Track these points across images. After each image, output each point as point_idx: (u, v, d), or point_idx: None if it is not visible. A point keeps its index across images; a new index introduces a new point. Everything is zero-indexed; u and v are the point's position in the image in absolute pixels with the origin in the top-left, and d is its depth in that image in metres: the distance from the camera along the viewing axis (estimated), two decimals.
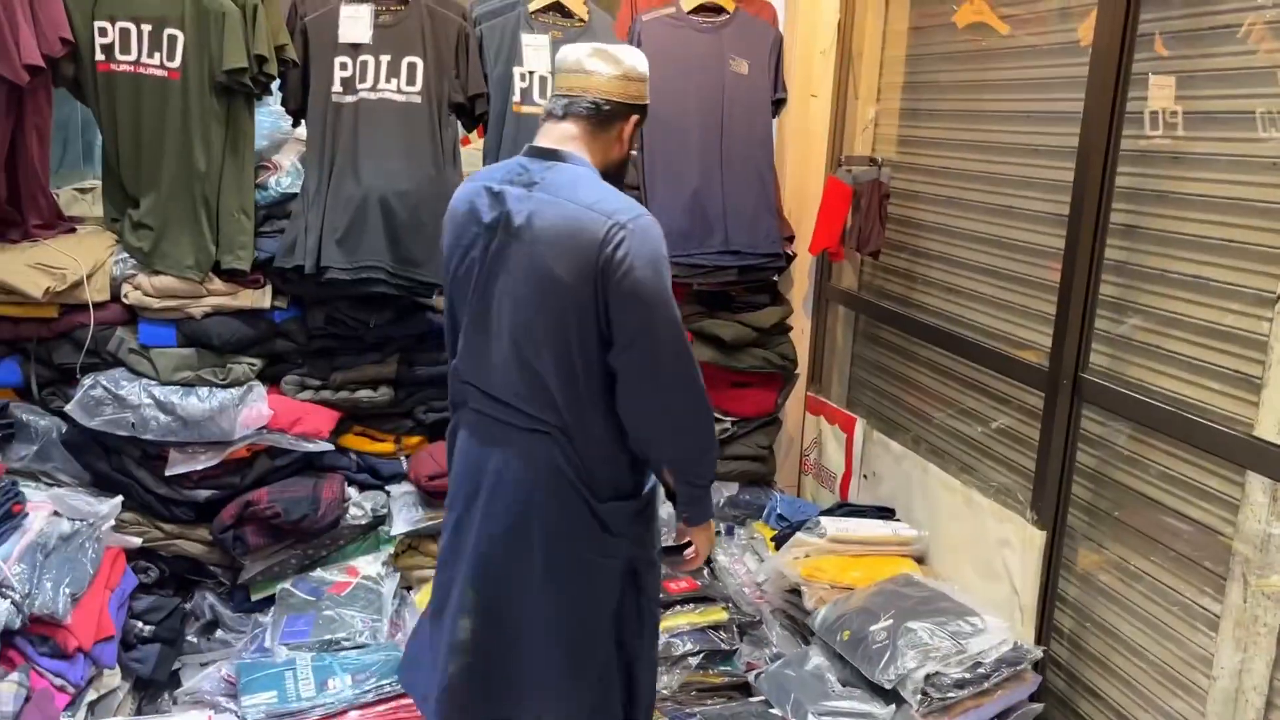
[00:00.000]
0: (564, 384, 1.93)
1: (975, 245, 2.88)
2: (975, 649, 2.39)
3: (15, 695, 2.33)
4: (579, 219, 1.86)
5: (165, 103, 2.81)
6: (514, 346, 1.95)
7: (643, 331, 1.88)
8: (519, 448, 1.99)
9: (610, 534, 2.03)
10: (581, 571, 2.02)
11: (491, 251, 1.96)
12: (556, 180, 1.93)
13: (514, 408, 1.98)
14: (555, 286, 1.87)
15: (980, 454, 2.86)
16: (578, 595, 2.04)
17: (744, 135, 3.29)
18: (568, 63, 2.02)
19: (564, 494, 1.98)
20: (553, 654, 2.05)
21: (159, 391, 2.85)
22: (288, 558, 3.03)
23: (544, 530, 1.99)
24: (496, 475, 2.01)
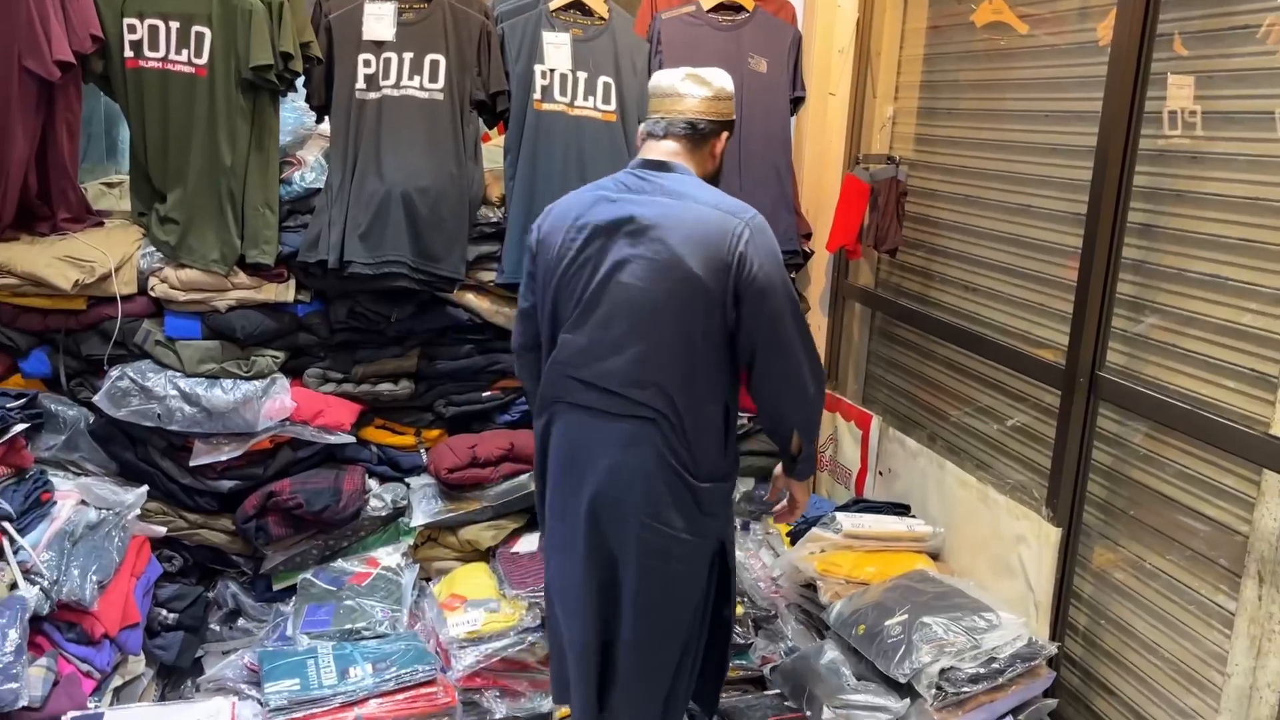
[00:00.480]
0: (681, 370, 2.10)
1: (992, 243, 2.89)
2: (990, 644, 2.40)
3: (44, 679, 2.38)
4: (706, 218, 2.08)
5: (192, 99, 2.86)
6: (634, 336, 2.10)
7: (775, 317, 2.09)
8: (627, 434, 2.13)
9: (705, 514, 2.19)
10: (683, 550, 2.18)
11: (613, 250, 2.11)
12: (676, 185, 2.14)
13: (623, 396, 2.13)
14: (687, 276, 2.06)
15: (996, 451, 2.88)
16: (678, 575, 2.19)
17: (762, 133, 3.31)
18: (662, 87, 2.24)
19: (668, 477, 2.13)
20: (643, 634, 2.21)
21: (184, 383, 2.89)
22: (309, 548, 3.07)
23: (649, 512, 2.14)
24: (605, 461, 2.15)
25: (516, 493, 3.09)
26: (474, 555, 3.13)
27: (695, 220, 2.08)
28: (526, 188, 3.11)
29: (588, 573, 2.22)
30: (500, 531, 3.11)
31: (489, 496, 3.09)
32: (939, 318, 3.10)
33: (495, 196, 3.17)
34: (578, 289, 2.16)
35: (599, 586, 2.22)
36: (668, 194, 2.12)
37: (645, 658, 2.24)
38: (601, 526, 2.19)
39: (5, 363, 2.92)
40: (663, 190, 2.13)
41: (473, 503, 3.08)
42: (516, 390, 3.25)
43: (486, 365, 3.19)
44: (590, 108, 3.15)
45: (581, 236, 2.15)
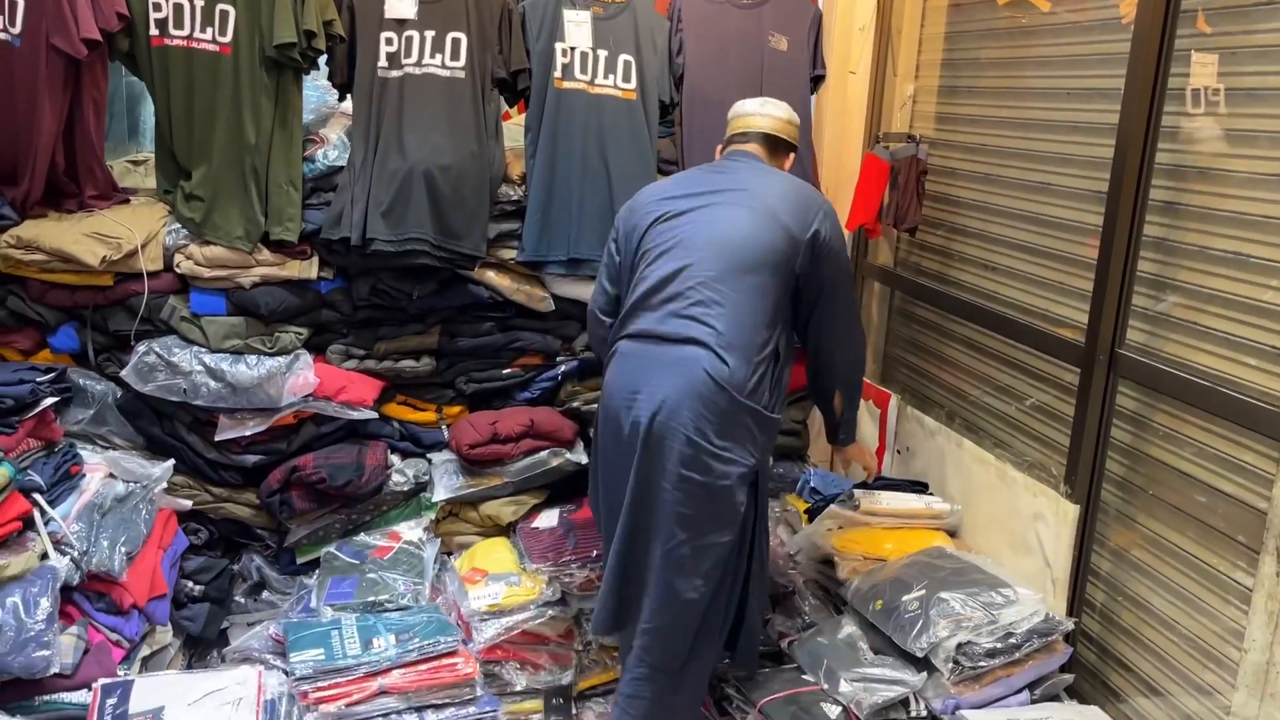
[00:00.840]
0: (746, 303, 2.39)
1: (1012, 222, 2.89)
2: (1007, 620, 2.42)
3: (75, 647, 2.43)
4: (797, 187, 2.58)
5: (217, 77, 2.88)
6: (708, 267, 2.40)
7: (836, 281, 2.55)
8: (682, 356, 2.36)
9: (747, 435, 2.37)
10: (722, 468, 2.34)
11: (704, 202, 2.51)
12: (762, 167, 2.62)
13: (686, 319, 2.39)
14: (779, 223, 2.45)
15: (1014, 429, 2.88)
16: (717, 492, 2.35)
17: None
18: (747, 109, 2.71)
19: (715, 396, 2.32)
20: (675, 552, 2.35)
21: (209, 359, 2.93)
22: (332, 522, 3.11)
23: (694, 428, 2.32)
24: (658, 380, 2.36)
25: (537, 469, 3.12)
26: (495, 530, 3.16)
27: (787, 185, 2.55)
28: (547, 165, 3.12)
29: (635, 488, 2.38)
30: (521, 507, 3.14)
31: (509, 472, 3.11)
32: (958, 296, 3.10)
33: (516, 174, 3.18)
34: (661, 237, 2.49)
35: (640, 501, 2.38)
36: (756, 171, 2.58)
37: (675, 579, 2.35)
38: (651, 441, 2.34)
39: (34, 338, 2.96)
40: (750, 168, 2.59)
41: (493, 478, 3.11)
42: (537, 368, 3.28)
43: (507, 343, 3.21)
44: (610, 86, 3.16)
45: (669, 203, 2.54)
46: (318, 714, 2.44)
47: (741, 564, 2.47)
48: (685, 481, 2.32)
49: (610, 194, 3.16)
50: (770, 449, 2.54)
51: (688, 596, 2.36)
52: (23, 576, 2.36)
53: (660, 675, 2.42)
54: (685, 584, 2.36)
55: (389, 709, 2.50)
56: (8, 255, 2.80)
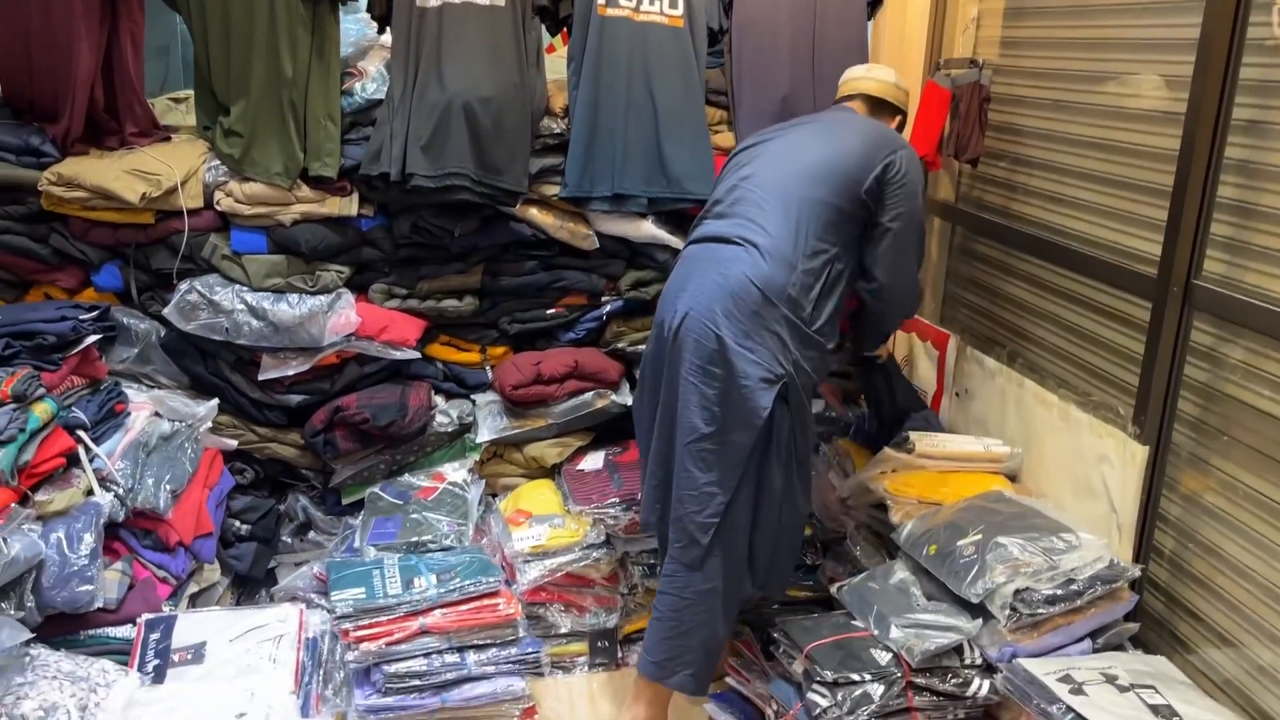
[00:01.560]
0: (807, 216, 2.41)
1: (1081, 150, 2.72)
2: (1068, 565, 2.31)
3: (119, 583, 2.44)
4: (880, 128, 2.65)
5: (252, 7, 2.81)
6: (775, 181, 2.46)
7: (907, 220, 2.54)
8: (727, 256, 2.39)
9: (777, 341, 2.34)
10: (742, 366, 2.31)
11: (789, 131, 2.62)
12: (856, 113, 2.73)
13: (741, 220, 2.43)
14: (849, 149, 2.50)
15: (1079, 369, 2.74)
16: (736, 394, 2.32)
17: (836, 37, 3.16)
18: (854, 73, 2.82)
19: (746, 293, 2.33)
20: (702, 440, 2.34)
21: (251, 297, 2.90)
22: (376, 463, 3.09)
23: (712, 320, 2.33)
24: (698, 278, 2.40)
25: (581, 410, 3.06)
26: (539, 472, 3.12)
27: (868, 125, 2.63)
28: (590, 97, 3.01)
29: (667, 381, 2.42)
30: (565, 449, 3.09)
31: (554, 414, 3.06)
32: (1022, 230, 2.95)
33: (558, 107, 3.08)
34: (736, 161, 2.61)
35: (670, 394, 2.41)
36: (846, 115, 2.70)
37: (694, 470, 2.36)
38: (680, 335, 2.37)
39: (78, 276, 2.96)
40: (842, 113, 2.71)
41: (538, 420, 3.06)
42: (581, 308, 3.20)
43: (550, 282, 3.13)
44: (656, 12, 3.03)
45: (764, 135, 2.63)
46: (359, 652, 2.42)
47: (771, 475, 2.40)
48: (706, 375, 2.33)
49: (656, 127, 3.04)
50: (814, 370, 2.46)
51: (705, 489, 2.35)
52: (67, 513, 2.37)
53: (682, 571, 2.41)
54: (703, 476, 2.35)
55: (430, 648, 2.47)
56: (49, 192, 2.79)
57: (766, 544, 2.47)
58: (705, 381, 2.33)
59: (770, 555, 2.50)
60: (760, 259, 2.35)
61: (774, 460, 2.39)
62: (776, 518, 2.45)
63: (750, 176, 2.51)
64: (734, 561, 2.42)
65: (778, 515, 2.45)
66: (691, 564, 2.39)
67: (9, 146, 2.82)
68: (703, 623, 2.41)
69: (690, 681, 2.44)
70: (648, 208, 3.09)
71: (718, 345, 2.32)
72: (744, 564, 2.45)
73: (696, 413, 2.34)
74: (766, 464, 2.39)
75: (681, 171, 3.05)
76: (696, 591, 2.40)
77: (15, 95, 2.93)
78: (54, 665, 2.15)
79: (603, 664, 2.88)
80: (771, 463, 2.39)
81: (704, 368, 2.33)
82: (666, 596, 2.43)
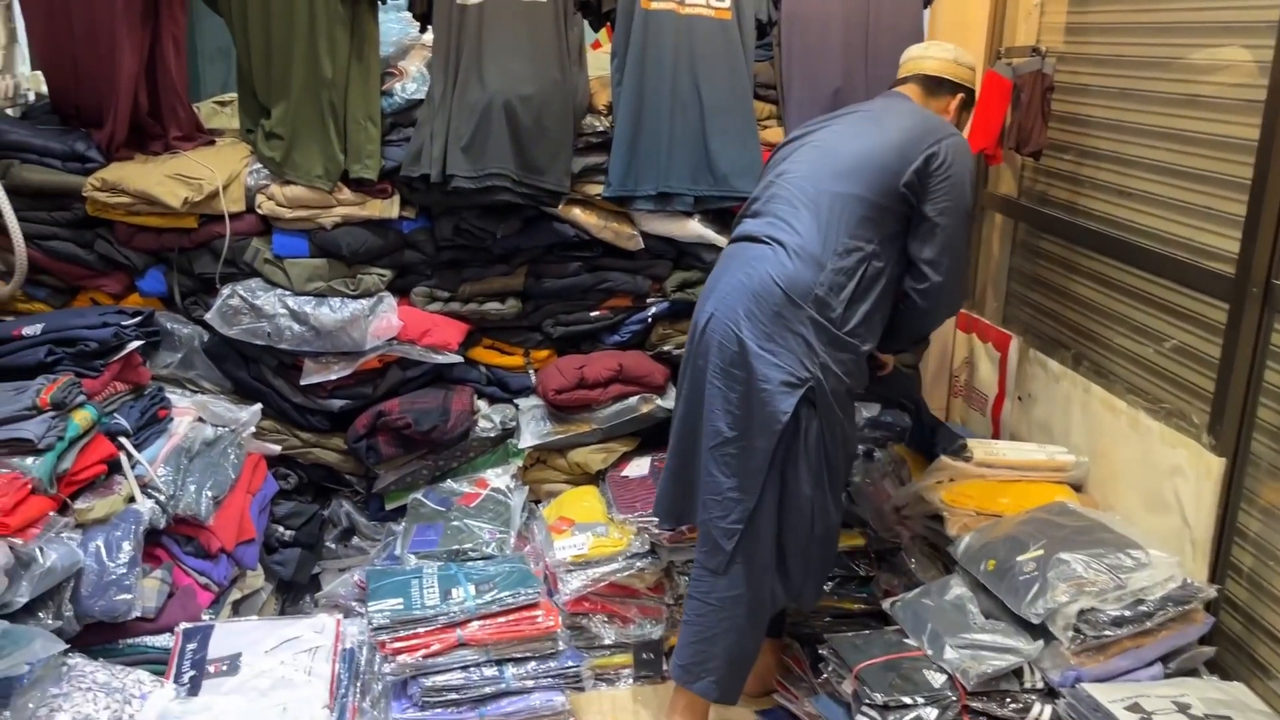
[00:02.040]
0: (838, 212, 2.30)
1: (1152, 141, 2.57)
2: (1137, 584, 2.17)
3: (159, 591, 2.42)
4: (924, 117, 2.46)
5: (292, 10, 2.79)
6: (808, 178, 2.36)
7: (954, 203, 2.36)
8: (755, 254, 2.33)
9: (801, 342, 2.25)
10: (761, 369, 2.24)
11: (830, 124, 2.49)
12: (903, 102, 2.53)
13: (772, 220, 2.35)
14: (888, 139, 2.36)
15: (1150, 373, 2.59)
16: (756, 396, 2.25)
17: (892, 27, 3.04)
18: (911, 53, 2.64)
19: (768, 293, 2.26)
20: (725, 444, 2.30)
21: (293, 301, 2.88)
22: (419, 468, 3.05)
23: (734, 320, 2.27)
24: (727, 276, 2.35)
25: (626, 415, 2.99)
26: (583, 478, 3.05)
27: (913, 114, 2.45)
28: (634, 94, 2.93)
29: (691, 381, 2.38)
30: (610, 455, 3.02)
31: (598, 419, 2.99)
32: (1088, 226, 2.80)
33: (601, 104, 3.00)
34: (778, 155, 2.52)
35: (694, 395, 2.37)
36: (894, 102, 2.52)
37: (717, 475, 2.31)
38: (705, 336, 2.33)
39: (124, 281, 2.96)
40: (891, 100, 2.53)
41: (582, 425, 3.00)
42: (626, 310, 3.13)
43: (595, 284, 3.06)
44: (703, 5, 2.93)
45: (807, 128, 2.51)
46: (395, 664, 2.38)
47: (798, 482, 2.30)
48: (729, 378, 2.28)
49: (702, 123, 2.95)
50: (847, 373, 2.33)
51: (728, 495, 2.30)
52: (108, 520, 2.36)
53: (707, 576, 2.37)
54: (727, 481, 2.30)
55: (468, 661, 2.42)
56: (94, 198, 2.79)
57: (797, 553, 2.38)
58: (728, 384, 2.29)
59: (803, 565, 2.40)
60: (786, 258, 2.27)
61: (800, 467, 2.30)
62: (807, 527, 2.35)
63: (785, 173, 2.41)
64: (759, 569, 2.34)
65: (808, 524, 2.35)
66: (716, 569, 2.34)
67: (55, 152, 2.83)
68: (727, 630, 2.35)
69: (713, 689, 2.38)
70: (694, 206, 3.01)
71: (738, 347, 2.27)
72: (771, 572, 2.37)
73: (720, 416, 2.30)
74: (792, 470, 2.30)
75: (729, 168, 2.96)
76: (720, 598, 2.35)
77: (62, 101, 2.95)
78: (89, 676, 2.14)
79: (647, 676, 2.80)
80: (798, 469, 2.30)
81: (726, 370, 2.29)
82: (693, 601, 2.41)
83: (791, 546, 2.36)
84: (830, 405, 2.29)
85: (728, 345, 2.28)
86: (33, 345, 2.49)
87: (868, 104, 2.58)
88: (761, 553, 2.33)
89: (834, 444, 2.33)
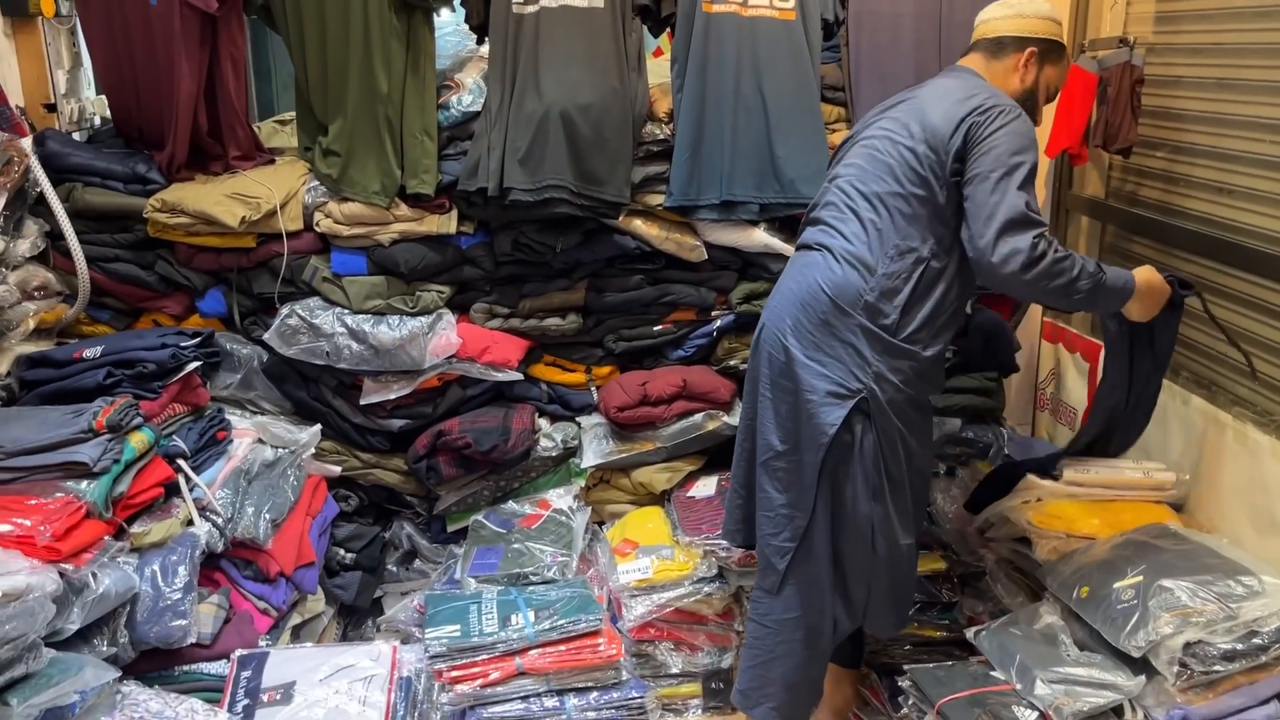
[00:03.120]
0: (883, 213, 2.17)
1: (1254, 134, 2.39)
2: (1250, 614, 1.98)
3: (215, 617, 2.38)
4: (974, 85, 2.22)
5: (347, 23, 2.75)
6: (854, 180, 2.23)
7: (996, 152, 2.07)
8: (806, 261, 2.26)
9: (851, 350, 2.15)
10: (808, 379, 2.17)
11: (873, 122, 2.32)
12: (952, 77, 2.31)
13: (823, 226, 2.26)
14: (921, 126, 2.17)
15: (1257, 383, 2.40)
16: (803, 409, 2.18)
17: (966, 22, 2.81)
18: (979, 18, 2.38)
19: (816, 301, 2.18)
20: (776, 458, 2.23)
21: (351, 320, 2.84)
22: (481, 489, 2.98)
23: (782, 331, 2.22)
24: (781, 287, 2.31)
25: (691, 433, 2.89)
26: (648, 499, 2.96)
27: (954, 91, 2.20)
28: (696, 100, 2.83)
29: (749, 395, 2.33)
30: (675, 474, 2.92)
31: (662, 437, 2.90)
32: (1184, 227, 2.62)
33: (662, 111, 2.91)
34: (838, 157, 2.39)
35: (750, 409, 2.33)
36: (942, 81, 2.31)
37: (770, 490, 2.25)
38: (760, 348, 2.29)
39: (184, 302, 2.95)
40: (938, 83, 2.30)
41: (645, 443, 2.90)
42: (690, 324, 3.03)
43: (657, 297, 2.96)
44: (766, 6, 2.82)
45: (861, 124, 2.39)
46: (453, 694, 2.30)
47: (854, 500, 2.19)
48: (778, 389, 2.23)
49: (767, 128, 2.84)
50: (907, 382, 2.18)
51: (780, 511, 2.23)
52: (164, 544, 2.33)
53: (763, 597, 2.32)
54: (779, 497, 2.23)
55: (528, 691, 2.33)
56: (154, 219, 2.79)
57: (859, 575, 2.25)
58: (778, 396, 2.23)
59: (866, 588, 2.27)
60: (834, 264, 2.18)
61: (856, 483, 2.19)
62: (867, 547, 2.22)
63: (838, 176, 2.30)
64: (815, 590, 2.24)
65: (868, 544, 2.22)
66: (770, 589, 2.28)
67: (117, 175, 2.84)
68: (784, 654, 2.28)
69: (773, 715, 2.30)
70: (759, 214, 2.89)
71: (785, 357, 2.21)
72: (829, 594, 2.25)
73: (771, 429, 2.24)
74: (848, 486, 2.19)
75: (795, 174, 2.84)
76: (776, 620, 2.28)
77: (125, 123, 2.96)
78: (142, 705, 2.09)
79: (716, 707, 2.69)
80: (854, 485, 2.19)
81: (775, 381, 2.23)
82: (751, 623, 2.36)
83: (851, 567, 2.24)
84: (888, 416, 2.17)
85: (776, 356, 2.22)
86: (92, 367, 2.50)
87: (918, 89, 2.35)
88: (817, 573, 2.23)
89: (894, 458, 2.19)
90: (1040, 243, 2.03)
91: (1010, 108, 2.13)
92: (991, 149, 2.07)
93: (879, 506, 2.20)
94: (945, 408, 3.07)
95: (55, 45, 2.97)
